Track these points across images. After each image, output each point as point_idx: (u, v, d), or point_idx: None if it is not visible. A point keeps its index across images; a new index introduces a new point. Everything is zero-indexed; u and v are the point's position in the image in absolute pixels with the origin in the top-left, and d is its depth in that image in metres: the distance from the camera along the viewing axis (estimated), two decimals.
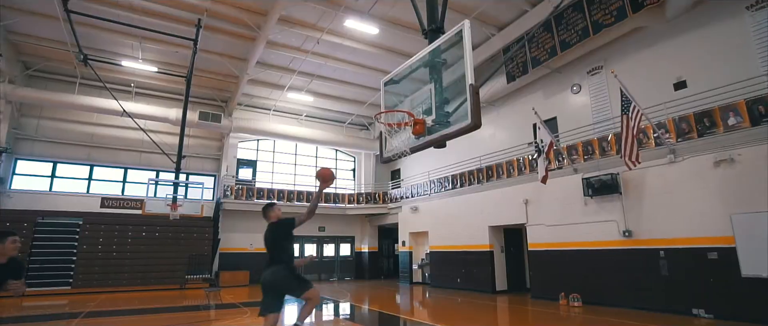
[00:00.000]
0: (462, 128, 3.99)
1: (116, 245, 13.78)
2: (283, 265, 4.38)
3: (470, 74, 4.02)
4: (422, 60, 5.02)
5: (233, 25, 12.29)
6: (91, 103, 14.20)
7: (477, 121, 3.83)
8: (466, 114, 4.02)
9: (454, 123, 4.41)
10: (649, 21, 9.64)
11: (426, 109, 4.76)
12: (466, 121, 3.95)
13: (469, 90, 3.97)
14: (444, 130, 4.38)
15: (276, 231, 4.61)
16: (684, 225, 7.91)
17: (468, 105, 3.94)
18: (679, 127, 8.27)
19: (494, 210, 12.41)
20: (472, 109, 3.88)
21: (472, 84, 3.97)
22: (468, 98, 3.96)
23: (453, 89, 4.81)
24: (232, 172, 17.44)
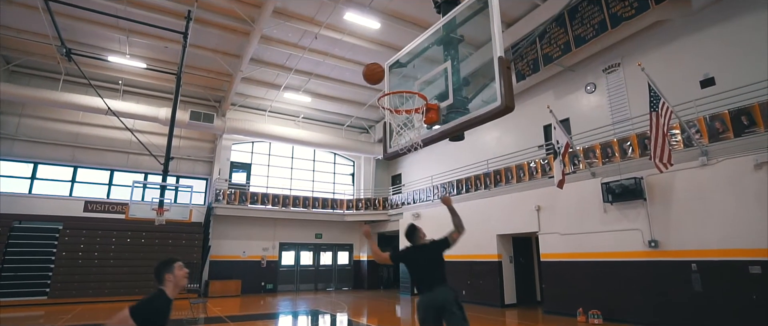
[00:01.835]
0: (489, 112, 3.19)
1: (98, 252, 12.90)
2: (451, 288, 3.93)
3: (499, 45, 3.24)
4: (435, 36, 4.25)
5: (226, 17, 11.55)
6: (76, 101, 13.40)
7: (509, 102, 3.03)
8: (493, 95, 3.25)
9: (476, 108, 3.64)
10: (672, 14, 8.95)
11: (440, 94, 3.96)
12: (494, 104, 3.16)
13: (497, 64, 3.18)
14: (463, 116, 3.59)
15: (436, 250, 4.26)
16: (719, 234, 7.11)
17: (497, 83, 3.16)
18: (711, 127, 7.50)
19: (503, 217, 11.60)
20: (503, 89, 3.09)
21: (501, 56, 3.18)
22: (497, 74, 3.17)
23: (474, 68, 4.05)
24: (224, 176, 16.62)
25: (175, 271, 2.53)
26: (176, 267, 2.56)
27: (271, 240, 16.87)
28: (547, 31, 10.74)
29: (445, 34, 4.16)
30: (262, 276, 16.39)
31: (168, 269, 2.52)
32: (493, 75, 3.75)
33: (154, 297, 2.47)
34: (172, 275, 2.51)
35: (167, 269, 2.52)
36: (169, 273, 2.50)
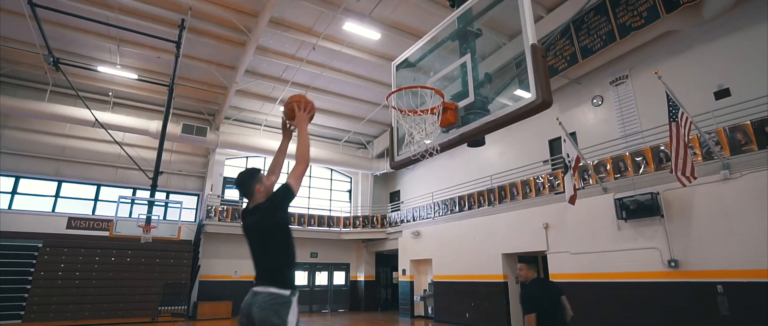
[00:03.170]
0: (523, 109, 2.72)
1: (80, 271, 12.14)
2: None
3: (531, 31, 2.80)
4: (449, 30, 3.83)
5: (220, 27, 11.18)
6: (63, 113, 12.87)
7: (546, 95, 2.57)
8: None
9: (497, 109, 3.19)
10: (682, 24, 8.69)
11: (456, 93, 3.49)
12: (527, 98, 2.71)
13: (530, 53, 2.74)
14: (488, 116, 3.13)
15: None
16: (746, 253, 6.62)
17: (531, 75, 2.71)
18: (733, 138, 7.11)
19: (508, 235, 11.06)
20: (539, 80, 2.64)
21: (534, 44, 2.75)
22: (530, 65, 2.72)
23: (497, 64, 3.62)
24: (217, 191, 16.01)
25: (264, 181, 2.37)
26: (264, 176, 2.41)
27: None
28: (552, 42, 10.46)
29: (461, 27, 3.74)
30: None
31: (258, 179, 2.34)
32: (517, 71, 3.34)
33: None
34: (262, 185, 2.33)
35: (257, 179, 2.34)
36: (259, 184, 2.33)
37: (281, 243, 2.24)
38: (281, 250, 2.23)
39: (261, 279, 2.17)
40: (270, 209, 2.25)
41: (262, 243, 2.23)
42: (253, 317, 2.06)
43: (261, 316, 2.03)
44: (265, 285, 2.14)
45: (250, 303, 2.12)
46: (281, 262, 2.21)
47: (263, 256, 2.23)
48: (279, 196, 2.27)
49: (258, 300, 2.09)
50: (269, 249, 2.22)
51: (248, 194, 2.31)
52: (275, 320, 2.02)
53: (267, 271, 2.19)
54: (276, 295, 2.10)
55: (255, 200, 2.31)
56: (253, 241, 2.26)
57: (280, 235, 2.24)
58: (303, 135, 2.47)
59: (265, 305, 2.06)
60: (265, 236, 2.23)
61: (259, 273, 2.21)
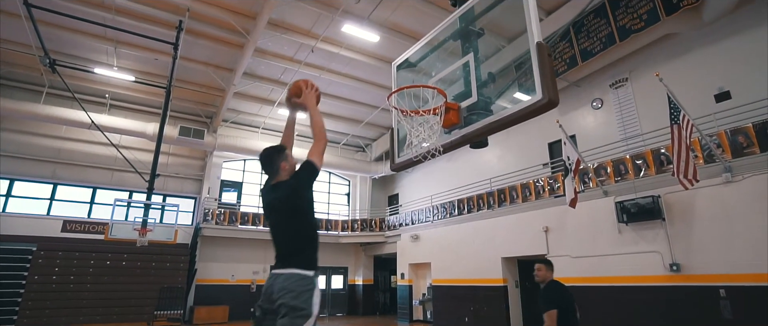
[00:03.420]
0: (528, 109, 2.67)
1: (74, 275, 12.00)
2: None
3: (536, 29, 2.75)
4: (450, 30, 3.78)
5: (218, 29, 11.12)
6: (59, 115, 12.74)
7: (553, 95, 2.51)
8: (533, 86, 2.74)
9: (503, 108, 3.13)
10: (682, 26, 8.65)
11: (459, 94, 3.44)
12: (533, 97, 2.65)
13: (536, 51, 2.68)
14: (490, 117, 3.07)
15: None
16: (749, 257, 6.56)
17: (536, 73, 2.65)
18: (734, 141, 7.07)
19: (508, 239, 10.98)
20: (545, 79, 2.58)
21: (540, 42, 2.69)
22: (535, 63, 2.66)
23: (496, 66, 3.55)
24: (214, 194, 15.89)
25: (289, 159, 2.31)
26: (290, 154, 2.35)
27: (262, 262, 16.02)
28: (552, 45, 10.43)
29: (463, 26, 3.68)
30: (252, 302, 15.44)
31: (284, 156, 2.28)
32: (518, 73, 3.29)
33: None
34: (287, 163, 2.28)
35: (283, 156, 2.28)
36: (285, 161, 2.27)
37: (306, 223, 2.17)
38: (306, 230, 2.16)
39: (284, 259, 2.09)
40: (296, 187, 2.17)
41: (287, 222, 2.15)
42: (275, 299, 1.96)
43: (284, 299, 1.93)
44: (287, 266, 2.05)
45: (271, 285, 2.02)
46: (305, 242, 2.14)
47: (287, 236, 2.14)
48: (304, 174, 2.21)
49: (280, 282, 2.00)
50: (294, 228, 2.14)
51: (273, 171, 2.25)
52: (299, 303, 1.92)
53: (290, 252, 2.10)
54: (300, 276, 2.01)
55: (279, 177, 2.24)
56: (277, 220, 2.18)
57: (305, 214, 2.17)
58: (315, 112, 2.43)
59: (289, 287, 1.96)
60: (290, 214, 2.14)
61: (282, 253, 2.12)
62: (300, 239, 2.13)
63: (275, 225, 2.19)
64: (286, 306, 1.90)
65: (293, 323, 1.87)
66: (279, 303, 1.93)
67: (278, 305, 1.93)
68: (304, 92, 2.50)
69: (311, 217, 2.20)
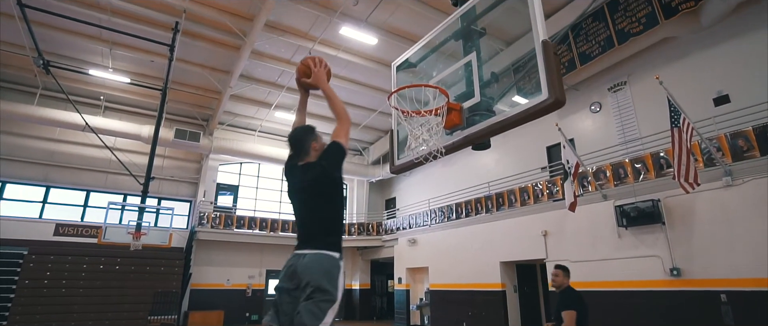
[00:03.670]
0: (533, 109, 2.59)
1: (67, 280, 11.77)
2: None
3: (541, 27, 2.67)
4: (452, 30, 3.71)
5: (215, 30, 11.03)
6: (52, 117, 12.60)
7: (559, 94, 2.43)
8: (536, 88, 2.67)
9: (507, 108, 3.06)
10: (681, 30, 8.66)
11: (461, 94, 3.36)
12: (538, 97, 2.57)
13: (541, 49, 2.61)
14: (494, 117, 2.99)
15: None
16: (750, 261, 6.50)
17: (542, 72, 2.58)
18: (734, 145, 7.04)
19: (506, 243, 10.90)
20: (551, 78, 2.51)
21: (545, 40, 2.62)
22: (541, 62, 2.59)
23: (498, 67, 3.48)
24: (210, 198, 15.74)
25: (319, 139, 2.27)
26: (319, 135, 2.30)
27: (257, 267, 15.85)
28: None
29: (464, 25, 3.61)
30: (247, 307, 15.28)
31: (315, 137, 2.24)
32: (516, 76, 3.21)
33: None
34: (318, 143, 2.24)
35: (314, 136, 2.24)
36: (315, 142, 2.23)
37: (336, 204, 2.13)
38: (335, 211, 2.13)
39: (310, 240, 2.02)
40: (328, 167, 2.12)
41: (316, 202, 2.09)
42: (301, 277, 1.88)
43: (312, 277, 1.85)
44: (314, 246, 1.98)
45: (295, 264, 1.94)
46: (334, 224, 2.10)
47: (316, 216, 2.09)
48: (334, 156, 2.16)
49: (306, 261, 1.92)
50: (324, 209, 2.09)
51: (304, 151, 2.20)
52: (326, 284, 1.84)
53: (318, 232, 2.04)
54: (329, 256, 1.95)
55: (308, 158, 2.19)
56: (306, 200, 2.12)
57: (336, 195, 2.13)
58: (330, 91, 2.35)
59: (318, 266, 1.90)
60: (321, 195, 2.09)
61: (308, 234, 2.06)
62: (328, 220, 2.08)
63: (302, 205, 2.14)
64: (313, 286, 1.82)
65: (319, 308, 1.79)
66: (306, 282, 1.85)
67: (305, 284, 1.85)
68: (313, 71, 2.40)
69: (340, 199, 2.17)
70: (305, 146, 2.19)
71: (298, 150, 2.22)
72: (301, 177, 2.15)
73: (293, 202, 2.19)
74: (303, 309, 1.78)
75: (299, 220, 2.14)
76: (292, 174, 2.22)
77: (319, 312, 1.77)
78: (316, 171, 2.11)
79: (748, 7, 7.87)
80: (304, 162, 2.19)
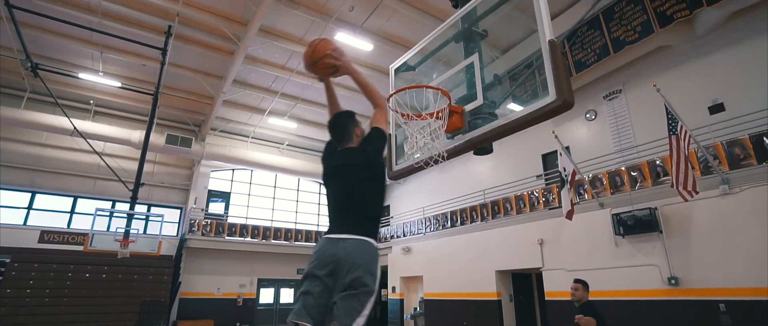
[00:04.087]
0: (539, 111, 2.50)
1: (50, 289, 11.42)
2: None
3: (547, 27, 2.59)
4: (452, 31, 3.62)
5: (209, 35, 10.91)
6: (40, 121, 12.34)
7: (567, 95, 2.34)
8: (533, 95, 2.58)
9: (510, 112, 2.96)
10: (676, 38, 8.69)
11: (462, 97, 3.27)
12: (545, 99, 2.48)
13: (547, 49, 2.52)
14: (499, 120, 2.89)
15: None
16: (748, 270, 6.44)
17: (549, 73, 2.48)
18: (731, 153, 7.02)
19: (502, 251, 10.77)
20: (559, 79, 2.41)
21: (552, 40, 2.53)
22: (548, 62, 2.50)
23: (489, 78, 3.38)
24: (201, 205, 15.46)
25: (361, 125, 2.23)
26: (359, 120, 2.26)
27: (248, 275, 15.56)
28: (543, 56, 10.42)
29: (466, 27, 3.52)
30: (238, 316, 14.94)
31: (357, 122, 2.21)
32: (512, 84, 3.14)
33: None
34: (360, 129, 2.21)
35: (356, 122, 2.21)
36: (358, 128, 2.20)
37: (380, 190, 2.10)
38: (379, 197, 2.10)
39: (351, 224, 1.92)
40: (374, 152, 2.11)
41: (364, 186, 2.03)
42: (343, 265, 1.77)
43: (355, 266, 1.75)
44: (356, 232, 1.88)
45: (336, 250, 1.82)
46: (377, 210, 2.07)
47: (359, 201, 2.01)
48: (379, 141, 2.16)
49: (350, 248, 1.82)
50: (368, 194, 2.03)
51: (347, 136, 2.17)
52: (369, 276, 1.76)
53: (360, 218, 1.95)
54: (370, 245, 1.87)
55: (351, 143, 2.17)
56: (350, 184, 2.04)
57: (381, 181, 2.11)
58: (362, 78, 2.31)
59: (361, 255, 1.80)
60: (368, 178, 2.05)
61: (349, 219, 1.95)
62: (372, 206, 2.03)
63: (347, 187, 2.04)
64: (355, 276, 1.73)
65: (359, 301, 1.70)
66: (346, 271, 1.75)
67: (346, 273, 1.75)
68: (339, 64, 2.30)
69: (384, 187, 2.13)
70: (348, 132, 2.16)
71: (340, 135, 2.18)
72: (345, 160, 2.10)
73: (331, 185, 2.10)
74: (343, 303, 1.68)
75: (338, 204, 2.04)
76: (333, 157, 2.17)
77: (360, 305, 1.69)
78: (363, 155, 2.08)
79: (742, 16, 7.91)
80: (346, 146, 2.16)
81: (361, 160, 2.07)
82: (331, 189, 2.09)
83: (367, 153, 2.09)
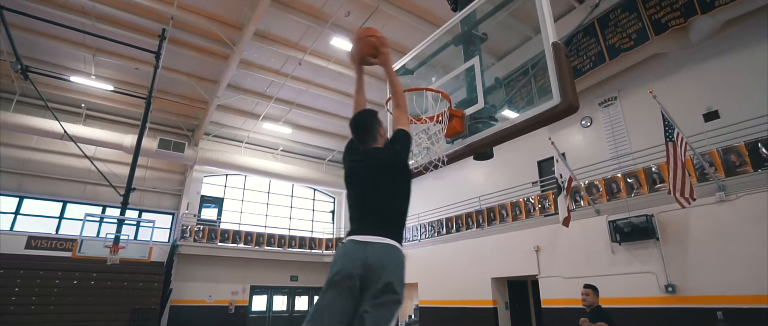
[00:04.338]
0: (543, 115, 2.43)
1: (37, 296, 11.15)
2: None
3: (551, 29, 2.54)
4: (452, 35, 3.57)
5: (203, 38, 10.81)
6: (29, 124, 12.10)
7: (572, 99, 2.28)
8: (544, 92, 2.52)
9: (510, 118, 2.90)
10: (671, 46, 8.75)
11: (462, 101, 3.21)
12: (549, 102, 2.41)
13: (551, 52, 2.46)
14: (501, 124, 2.83)
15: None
16: (746, 278, 6.41)
17: (553, 76, 2.42)
18: (726, 160, 7.03)
19: (497, 258, 10.70)
20: (563, 82, 2.35)
21: (556, 42, 2.48)
22: (552, 65, 2.44)
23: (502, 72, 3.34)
24: (193, 210, 15.25)
25: (383, 124, 2.20)
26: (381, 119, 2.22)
27: (241, 282, 15.33)
28: (538, 63, 10.43)
29: (465, 30, 3.47)
30: (230, 324, 14.68)
31: (380, 122, 2.16)
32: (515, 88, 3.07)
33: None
34: (383, 129, 2.18)
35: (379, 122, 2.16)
36: (381, 127, 2.16)
37: (408, 192, 2.03)
38: (407, 200, 2.03)
39: (378, 227, 1.84)
40: (403, 153, 2.06)
41: (392, 187, 1.97)
42: (374, 269, 1.70)
43: (386, 273, 1.69)
44: (384, 234, 1.81)
45: (365, 254, 1.74)
46: (404, 213, 2.00)
47: (388, 202, 1.94)
48: (406, 143, 2.12)
49: (380, 254, 1.74)
50: (397, 195, 1.97)
51: (372, 136, 2.10)
52: (398, 284, 1.71)
53: (388, 220, 1.89)
54: (399, 250, 1.82)
55: (376, 143, 2.11)
56: (378, 184, 1.96)
57: (409, 182, 2.04)
58: (395, 76, 2.30)
59: (392, 261, 1.75)
60: (397, 180, 1.99)
61: (377, 220, 1.87)
62: (400, 209, 1.97)
63: (374, 188, 1.96)
64: (385, 283, 1.67)
65: (389, 310, 1.66)
66: (377, 277, 1.68)
67: (376, 279, 1.68)
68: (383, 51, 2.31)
69: (410, 189, 2.06)
70: (373, 131, 2.10)
71: (365, 135, 2.11)
72: (373, 158, 2.02)
73: (357, 184, 2.01)
74: (374, 312, 1.62)
75: (365, 204, 1.94)
76: (357, 155, 2.09)
77: (390, 315, 1.65)
78: (391, 155, 2.02)
79: (736, 25, 7.97)
80: (370, 146, 2.09)
81: (391, 158, 2.00)
82: (357, 189, 2.00)
83: (397, 152, 2.03)
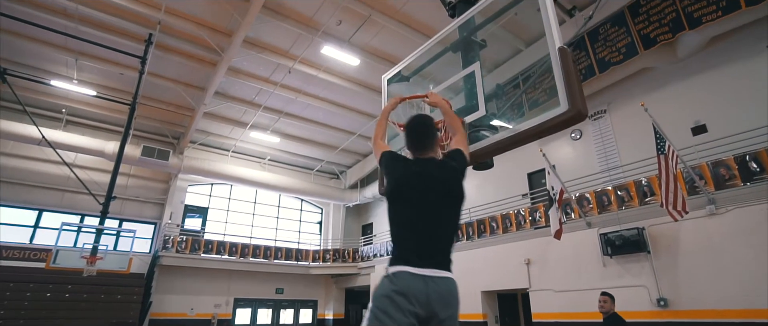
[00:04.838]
0: (550, 122, 2.32)
1: (6, 309, 10.56)
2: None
3: (556, 33, 2.45)
4: (450, 41, 3.47)
5: (191, 44, 10.60)
6: (5, 129, 11.64)
7: (581, 105, 2.17)
8: (551, 98, 2.42)
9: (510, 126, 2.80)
10: (659, 60, 8.87)
11: (461, 108, 3.11)
12: (555, 109, 2.31)
13: (557, 57, 2.37)
14: (502, 132, 2.72)
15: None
16: (737, 291, 6.39)
17: (559, 82, 2.32)
18: (716, 173, 7.07)
19: (487, 271, 10.57)
20: (571, 88, 2.25)
21: (562, 47, 2.38)
22: (558, 71, 2.34)
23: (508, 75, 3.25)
24: (176, 220, 14.82)
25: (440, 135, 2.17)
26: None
27: (225, 295, 14.87)
28: (531, 75, 10.48)
29: (464, 36, 3.38)
30: None
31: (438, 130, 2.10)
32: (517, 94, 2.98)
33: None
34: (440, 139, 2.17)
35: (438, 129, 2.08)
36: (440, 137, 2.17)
37: (460, 217, 1.77)
38: (459, 224, 1.79)
39: (439, 257, 1.63)
40: (461, 170, 1.83)
41: (452, 210, 1.73)
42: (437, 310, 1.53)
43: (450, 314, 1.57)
44: (446, 268, 1.63)
45: (427, 292, 1.53)
46: (455, 240, 1.75)
47: (448, 229, 1.70)
48: (463, 161, 1.90)
49: (443, 290, 1.57)
50: (454, 218, 1.73)
51: (430, 141, 1.88)
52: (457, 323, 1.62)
53: (447, 248, 1.67)
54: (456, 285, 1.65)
55: (433, 153, 1.89)
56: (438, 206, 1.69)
57: (462, 206, 1.77)
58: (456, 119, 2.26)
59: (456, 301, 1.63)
60: (456, 202, 1.74)
61: (437, 251, 1.64)
62: (454, 234, 1.74)
63: (434, 210, 1.68)
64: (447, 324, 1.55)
65: None
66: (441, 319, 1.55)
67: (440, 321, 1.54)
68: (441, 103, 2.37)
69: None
70: (432, 136, 1.89)
71: (424, 139, 1.88)
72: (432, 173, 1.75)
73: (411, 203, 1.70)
74: None
75: (423, 229, 1.65)
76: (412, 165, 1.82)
77: None
78: (450, 171, 1.78)
79: (722, 41, 8.12)
80: (428, 156, 1.86)
81: (452, 176, 1.75)
82: (411, 209, 1.68)
83: (454, 169, 1.78)
